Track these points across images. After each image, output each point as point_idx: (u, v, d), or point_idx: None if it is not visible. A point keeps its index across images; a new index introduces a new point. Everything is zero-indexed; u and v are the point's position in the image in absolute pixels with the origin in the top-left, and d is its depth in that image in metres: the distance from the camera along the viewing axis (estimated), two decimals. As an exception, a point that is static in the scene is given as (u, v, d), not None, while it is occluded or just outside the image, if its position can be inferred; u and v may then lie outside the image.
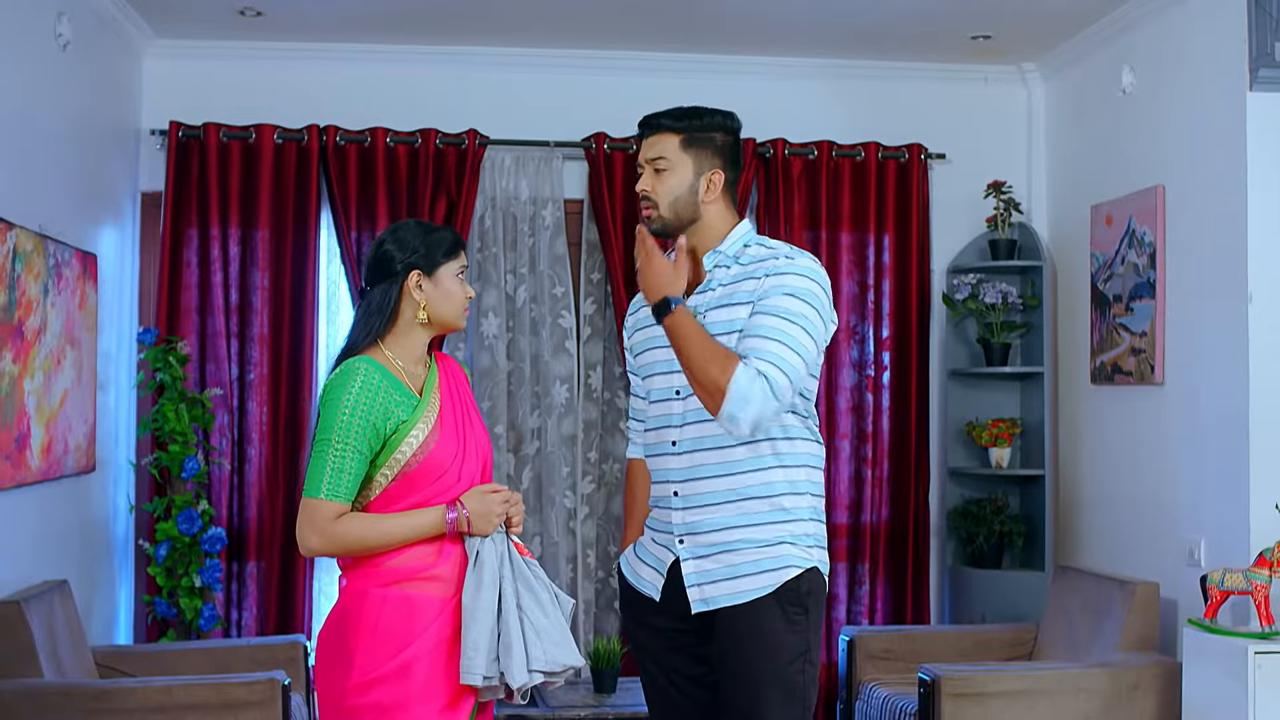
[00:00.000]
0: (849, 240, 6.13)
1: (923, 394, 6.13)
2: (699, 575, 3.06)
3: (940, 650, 5.27)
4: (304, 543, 2.83)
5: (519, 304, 5.97)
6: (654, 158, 3.14)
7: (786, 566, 3.02)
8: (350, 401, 2.80)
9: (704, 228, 3.15)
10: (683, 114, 3.16)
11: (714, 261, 3.15)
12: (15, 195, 4.41)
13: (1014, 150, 6.26)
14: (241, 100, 5.85)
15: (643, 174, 3.17)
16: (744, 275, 3.09)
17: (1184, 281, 5.06)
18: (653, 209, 3.14)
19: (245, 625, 5.71)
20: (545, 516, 5.94)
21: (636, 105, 5.97)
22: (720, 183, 3.14)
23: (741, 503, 3.04)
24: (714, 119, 3.18)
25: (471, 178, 5.88)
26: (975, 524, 5.99)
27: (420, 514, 2.83)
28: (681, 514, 3.09)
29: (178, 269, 5.72)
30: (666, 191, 3.12)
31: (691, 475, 3.07)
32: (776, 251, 3.12)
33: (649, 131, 3.17)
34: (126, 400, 5.69)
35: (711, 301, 3.11)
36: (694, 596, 3.06)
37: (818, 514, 3.12)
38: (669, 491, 3.11)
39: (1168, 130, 5.18)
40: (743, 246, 3.16)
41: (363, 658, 2.77)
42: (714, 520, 3.05)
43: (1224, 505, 4.76)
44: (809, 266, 3.07)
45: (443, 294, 2.94)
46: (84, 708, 4.05)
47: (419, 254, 2.92)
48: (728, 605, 3.02)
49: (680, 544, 3.09)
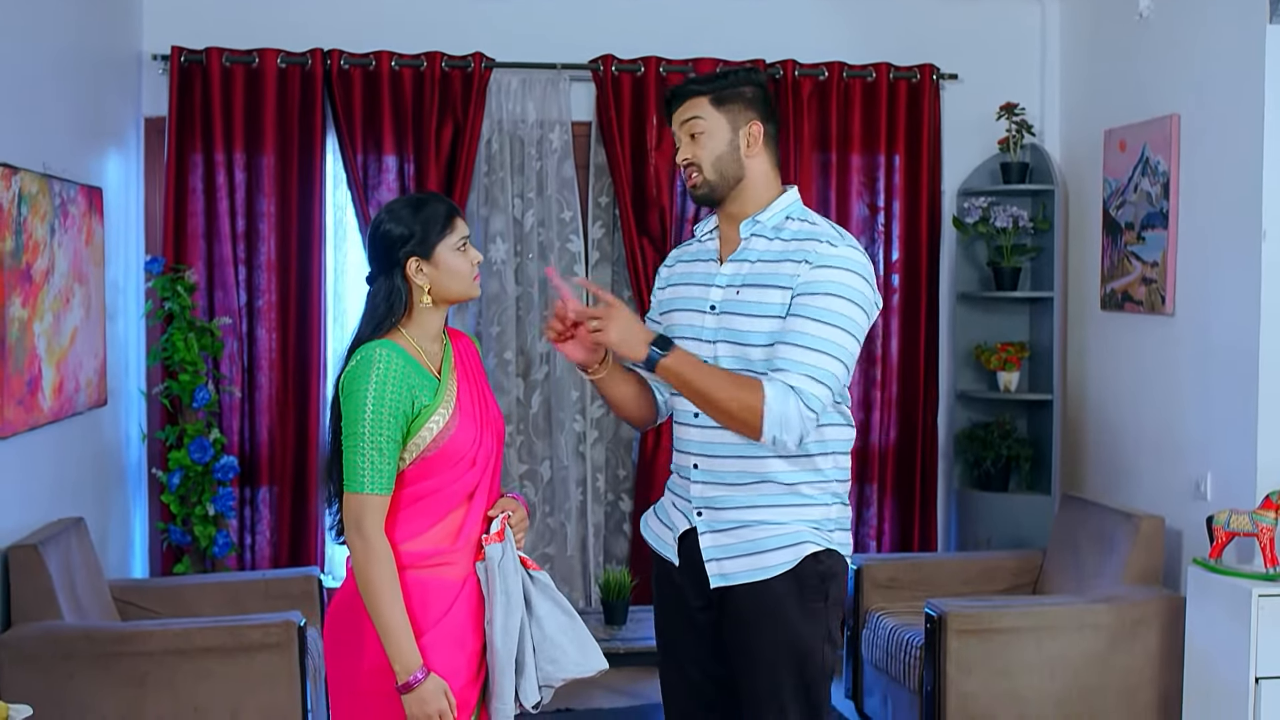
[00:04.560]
0: (859, 162, 6.08)
1: (932, 317, 6.12)
2: (717, 550, 3.04)
3: (946, 579, 5.32)
4: (350, 543, 2.78)
5: (527, 229, 5.94)
6: (688, 119, 3.05)
7: (803, 543, 3.00)
8: (374, 391, 2.74)
9: (748, 189, 3.06)
10: (707, 77, 3.09)
11: (751, 230, 3.06)
12: (17, 136, 4.36)
13: (1027, 72, 6.17)
14: (243, 24, 5.76)
15: (680, 145, 3.08)
16: (784, 255, 2.99)
17: (1197, 214, 5.02)
18: (697, 173, 3.05)
19: (259, 550, 5.78)
20: (555, 441, 5.98)
21: (644, 26, 6.02)
22: (760, 134, 3.05)
23: (760, 484, 3.01)
24: (738, 74, 3.09)
25: (478, 101, 5.81)
26: (982, 447, 6.02)
27: (409, 642, 2.74)
28: (700, 487, 3.06)
29: (183, 197, 5.68)
30: (708, 153, 3.03)
31: (711, 451, 3.03)
32: (819, 233, 3.01)
33: (677, 101, 3.08)
34: (136, 330, 5.69)
35: (747, 276, 3.02)
36: (712, 571, 3.04)
37: (840, 498, 3.09)
38: (689, 463, 3.08)
39: (1185, 59, 5.10)
40: (785, 219, 3.06)
41: (375, 642, 2.76)
42: (732, 498, 3.02)
43: (1232, 441, 4.77)
44: (852, 257, 2.96)
45: (446, 272, 2.87)
46: (104, 651, 4.11)
47: (413, 239, 2.84)
48: (746, 582, 3.00)
49: (699, 516, 3.07)
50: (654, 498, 5.87)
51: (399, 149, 5.80)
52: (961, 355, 6.20)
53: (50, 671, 4.03)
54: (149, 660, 4.13)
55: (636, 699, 5.59)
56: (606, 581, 5.26)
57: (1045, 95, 6.15)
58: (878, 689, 5.17)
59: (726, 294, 3.04)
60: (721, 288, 3.05)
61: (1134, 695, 4.66)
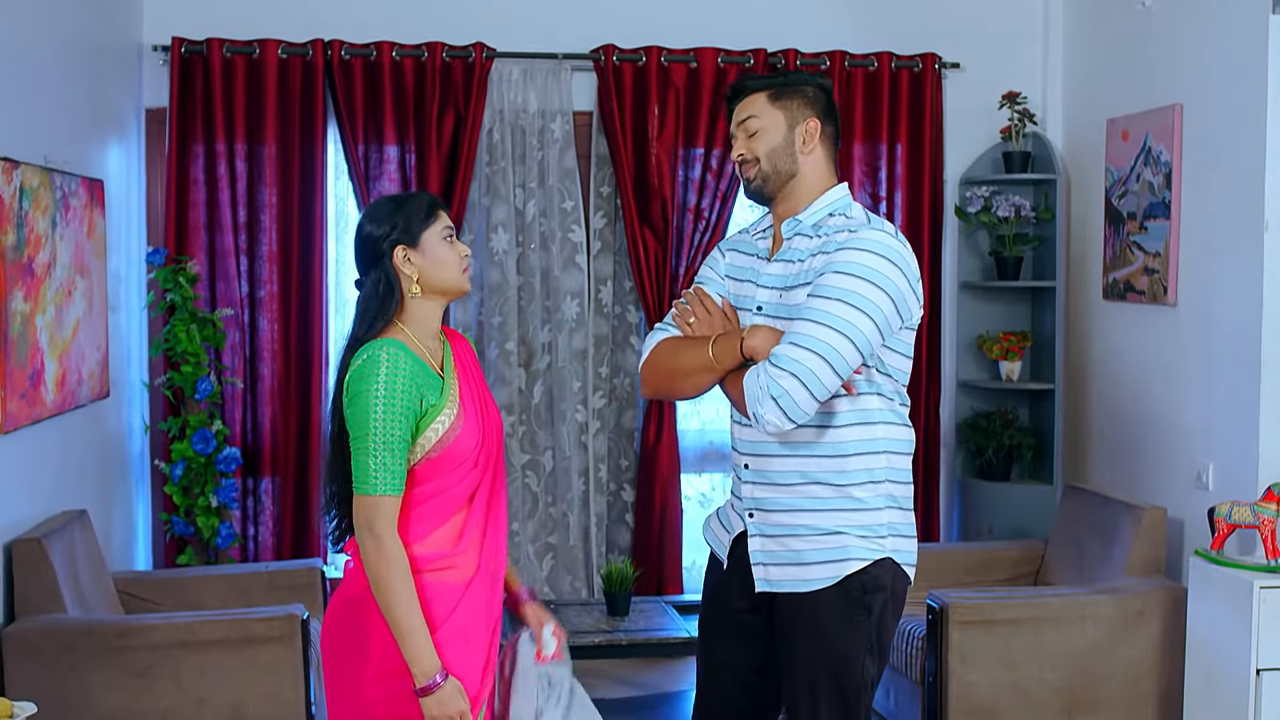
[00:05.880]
0: (861, 151, 6.07)
1: (934, 306, 6.11)
2: (764, 555, 3.02)
3: (948, 570, 5.33)
4: (362, 544, 2.74)
5: (528, 219, 5.93)
6: (745, 118, 3.03)
7: (848, 559, 2.94)
8: (384, 390, 2.70)
9: (800, 186, 3.02)
10: (765, 76, 3.09)
11: (793, 229, 3.03)
12: (18, 129, 4.36)
13: (1029, 61, 6.15)
14: (243, 14, 5.76)
15: (736, 141, 3.06)
16: (819, 249, 2.95)
17: (1200, 204, 5.01)
18: (751, 166, 3.02)
19: (262, 541, 5.79)
20: (557, 431, 5.98)
21: (646, 15, 6.00)
22: (816, 131, 3.00)
23: (809, 486, 2.97)
24: (801, 75, 3.07)
25: (479, 91, 5.80)
26: (984, 437, 6.02)
27: (427, 644, 2.72)
28: (750, 488, 3.04)
29: (185, 187, 5.68)
30: (763, 146, 3.00)
31: (759, 450, 3.01)
32: (852, 224, 2.96)
33: (736, 98, 3.06)
34: (138, 322, 5.70)
35: (790, 278, 2.99)
36: (758, 574, 3.03)
37: (897, 502, 3.01)
38: (741, 463, 3.07)
39: (1188, 49, 5.09)
40: (827, 215, 3.01)
41: (380, 647, 2.74)
42: (780, 500, 2.99)
43: (1234, 431, 4.77)
44: (873, 239, 2.89)
45: (433, 261, 2.84)
46: (108, 644, 4.12)
47: (397, 227, 2.82)
48: (789, 592, 2.99)
49: (750, 517, 3.05)
50: (655, 488, 5.94)
51: (400, 139, 5.80)
52: (964, 345, 6.19)
53: (54, 664, 4.05)
54: (152, 653, 4.14)
55: (640, 689, 5.59)
56: (609, 572, 5.26)
57: (1047, 84, 6.13)
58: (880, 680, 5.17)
59: (771, 295, 3.02)
60: (767, 289, 3.04)
61: (1135, 686, 4.66)
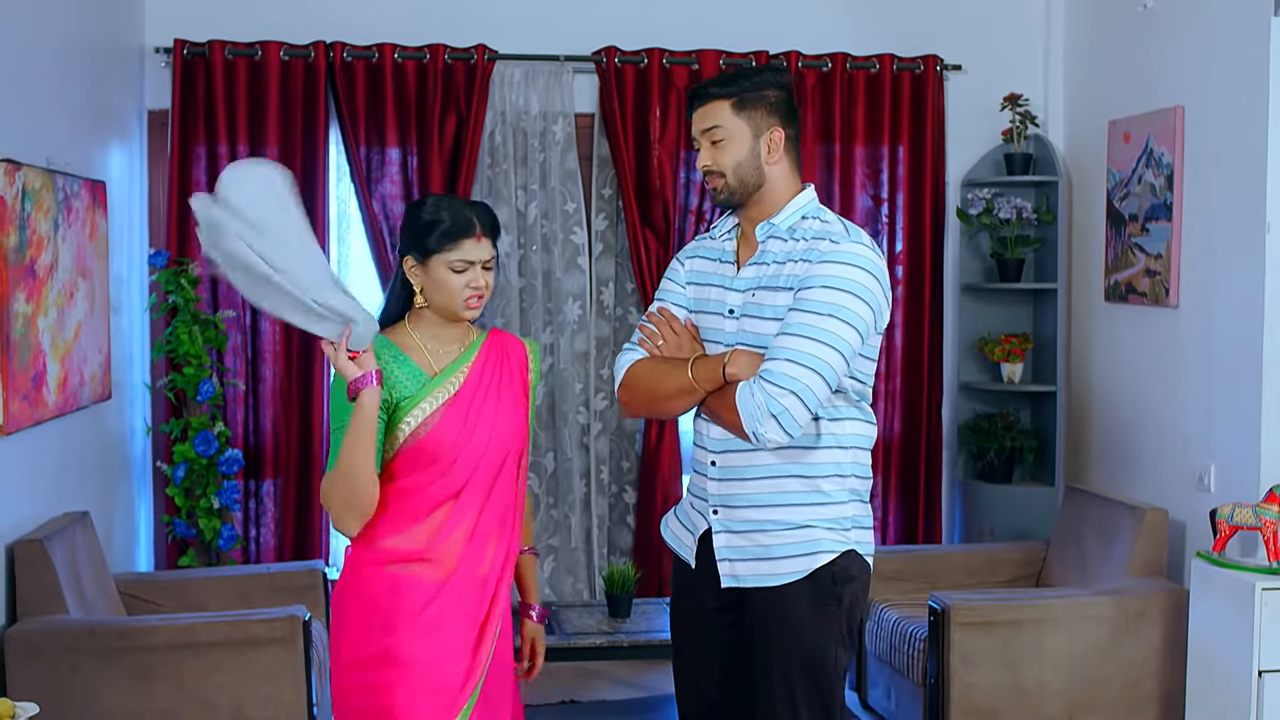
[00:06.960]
0: (863, 153, 6.07)
1: (936, 308, 6.11)
2: (730, 551, 3.03)
3: (950, 571, 5.34)
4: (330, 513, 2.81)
5: (530, 220, 5.93)
6: (709, 128, 3.03)
7: (818, 552, 2.97)
8: None
9: (767, 194, 3.04)
10: (730, 78, 3.05)
11: (766, 233, 3.04)
12: (21, 131, 4.36)
13: (1031, 63, 6.15)
14: (245, 16, 5.76)
15: (700, 148, 3.06)
16: (796, 254, 2.98)
17: (1201, 207, 5.01)
18: (718, 179, 3.04)
19: (264, 543, 5.79)
20: (559, 433, 5.98)
21: (647, 17, 6.00)
22: (781, 140, 3.02)
23: (778, 480, 2.98)
24: (763, 76, 3.05)
25: (481, 93, 5.80)
26: (986, 439, 6.02)
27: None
28: (717, 484, 3.05)
29: (187, 189, 5.66)
30: (729, 160, 3.01)
31: (729, 446, 3.02)
32: (829, 230, 2.99)
33: (698, 102, 3.05)
34: (140, 323, 5.70)
35: (764, 279, 3.01)
36: (724, 570, 3.03)
37: (859, 495, 3.06)
38: (707, 460, 3.07)
39: (1189, 51, 5.09)
40: (800, 219, 3.04)
41: (350, 636, 2.78)
42: (749, 496, 3.01)
43: (1235, 433, 4.77)
44: (855, 253, 2.93)
45: (433, 283, 2.86)
46: (109, 645, 4.12)
47: (414, 238, 2.86)
48: (758, 586, 3.00)
49: (714, 514, 3.06)
50: (657, 489, 5.93)
51: (402, 141, 5.80)
52: (965, 347, 6.19)
53: (55, 666, 4.05)
54: (154, 654, 4.14)
55: (641, 691, 5.60)
56: (610, 574, 5.26)
57: (1049, 86, 6.13)
58: (881, 681, 5.18)
59: (745, 298, 3.03)
60: (740, 292, 3.05)
61: (1136, 688, 4.66)
